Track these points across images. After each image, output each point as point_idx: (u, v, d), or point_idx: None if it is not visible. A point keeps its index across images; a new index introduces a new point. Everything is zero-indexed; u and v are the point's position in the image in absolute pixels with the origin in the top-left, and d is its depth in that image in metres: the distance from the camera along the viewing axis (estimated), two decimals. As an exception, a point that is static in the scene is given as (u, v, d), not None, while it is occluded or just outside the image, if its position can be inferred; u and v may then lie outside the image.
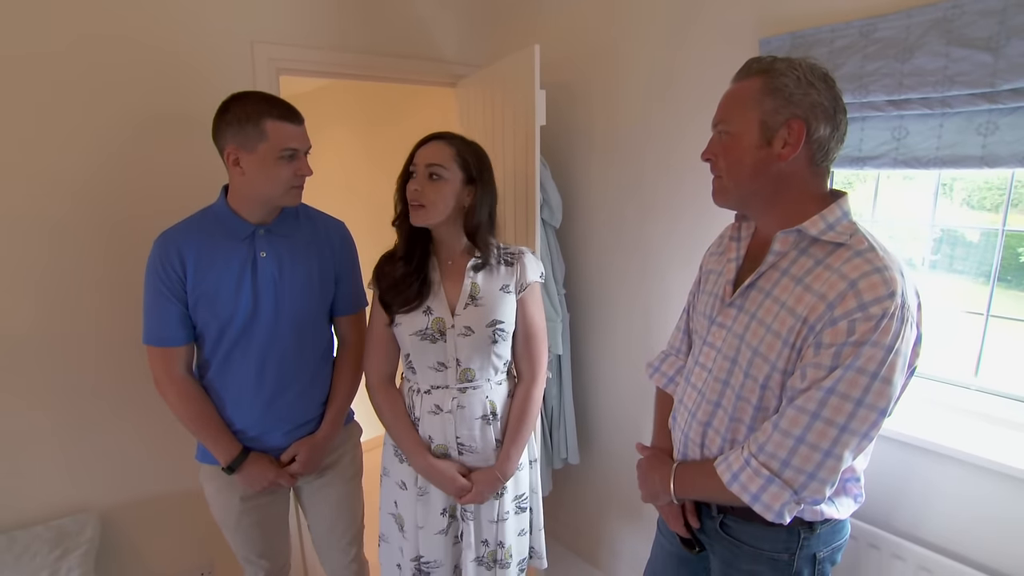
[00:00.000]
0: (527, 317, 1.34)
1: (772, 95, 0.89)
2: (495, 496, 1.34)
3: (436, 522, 1.34)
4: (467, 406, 1.30)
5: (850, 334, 0.83)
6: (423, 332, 1.28)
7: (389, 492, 1.42)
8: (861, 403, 0.84)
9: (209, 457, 1.34)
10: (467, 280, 1.30)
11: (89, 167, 1.55)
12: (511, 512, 1.38)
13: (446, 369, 1.29)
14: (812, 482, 0.88)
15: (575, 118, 2.01)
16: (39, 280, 1.51)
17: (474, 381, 1.31)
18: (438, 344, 1.28)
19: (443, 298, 1.29)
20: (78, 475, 1.61)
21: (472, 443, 1.31)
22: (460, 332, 1.28)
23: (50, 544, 1.43)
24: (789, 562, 1.01)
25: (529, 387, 1.36)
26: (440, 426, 1.31)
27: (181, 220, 1.30)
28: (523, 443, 1.36)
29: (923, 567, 1.27)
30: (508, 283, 1.32)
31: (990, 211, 1.33)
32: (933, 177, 1.37)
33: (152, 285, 1.24)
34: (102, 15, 1.52)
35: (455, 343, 1.28)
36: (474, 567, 1.36)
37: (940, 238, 1.40)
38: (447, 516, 1.35)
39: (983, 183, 1.33)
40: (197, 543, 1.82)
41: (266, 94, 1.26)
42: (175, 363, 1.28)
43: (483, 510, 1.35)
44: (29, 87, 1.45)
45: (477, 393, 1.31)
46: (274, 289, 1.30)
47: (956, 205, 1.38)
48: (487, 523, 1.36)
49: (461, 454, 1.32)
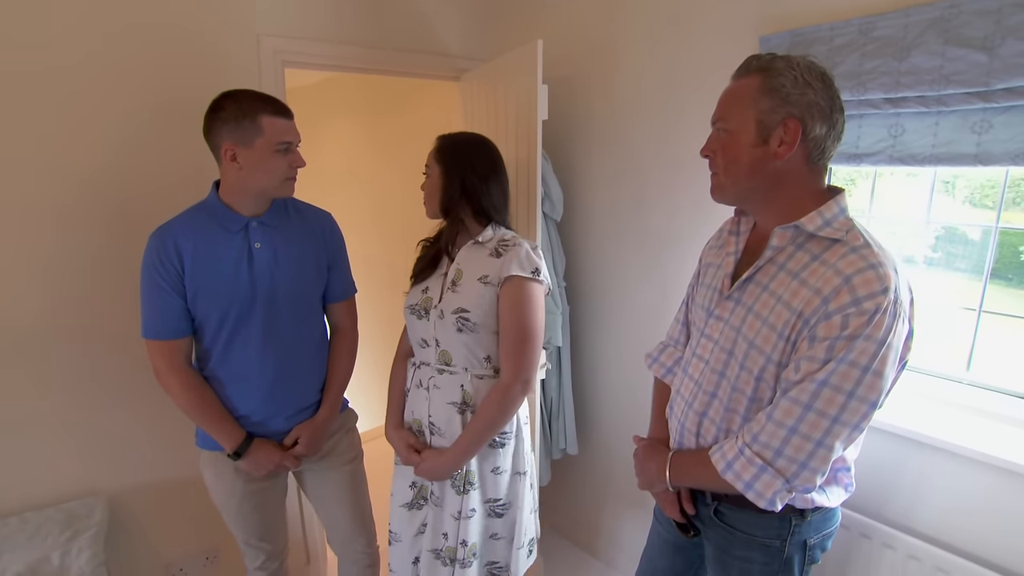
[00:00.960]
0: (506, 314, 1.27)
1: (769, 94, 0.91)
2: (457, 490, 1.32)
3: (403, 493, 1.40)
4: (442, 388, 1.33)
5: (843, 328, 0.85)
6: (413, 307, 1.36)
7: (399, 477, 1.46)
8: (853, 395, 0.86)
9: (209, 443, 1.37)
10: (453, 265, 1.34)
11: (96, 159, 1.56)
12: (478, 511, 1.34)
13: (428, 347, 1.35)
14: (804, 471, 0.91)
15: (576, 112, 2.03)
16: (46, 270, 1.54)
17: (451, 366, 1.33)
18: (423, 321, 1.34)
19: (441, 281, 1.35)
20: (87, 460, 1.64)
21: (442, 425, 1.34)
22: (437, 314, 1.32)
23: (61, 526, 1.47)
24: (781, 548, 1.04)
25: (502, 387, 1.28)
26: (417, 401, 1.37)
27: (175, 216, 1.33)
28: (473, 437, 1.29)
29: (912, 556, 1.30)
30: (488, 274, 1.29)
31: (992, 209, 1.34)
32: (936, 174, 1.38)
33: (150, 279, 1.26)
34: (110, 9, 1.53)
35: (434, 323, 1.32)
36: (430, 558, 1.36)
37: (941, 236, 1.41)
38: (414, 490, 1.40)
39: (985, 181, 1.34)
40: (202, 527, 1.86)
41: (258, 92, 1.30)
42: (176, 356, 1.30)
43: (447, 501, 1.34)
44: (35, 80, 1.47)
45: (453, 379, 1.32)
46: (270, 277, 1.33)
47: (958, 203, 1.39)
48: (449, 516, 1.35)
49: (432, 434, 1.35)
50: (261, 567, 1.52)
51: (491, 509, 1.37)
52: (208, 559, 1.90)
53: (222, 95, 1.27)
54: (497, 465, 1.35)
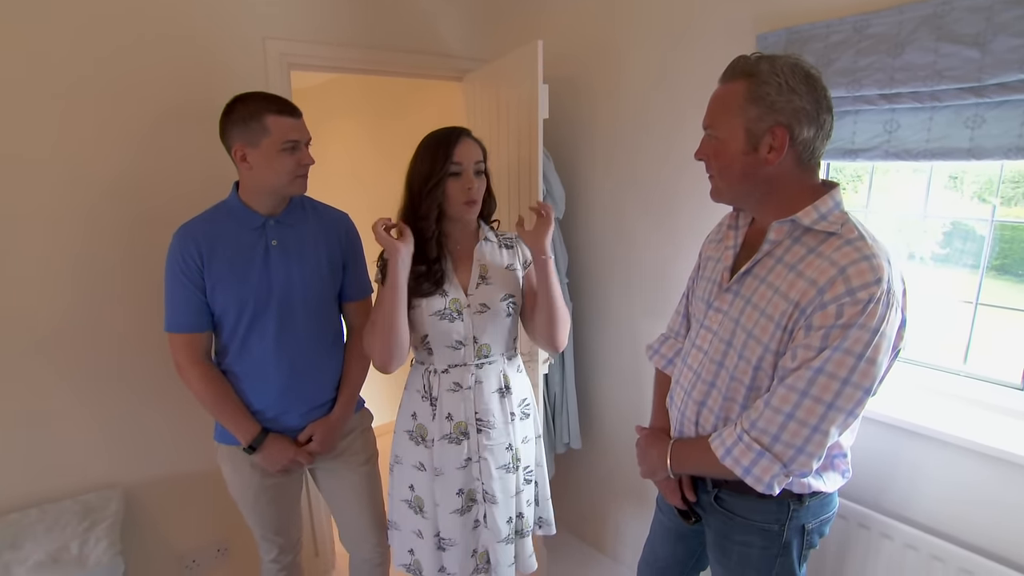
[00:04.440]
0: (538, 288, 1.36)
1: (755, 103, 0.93)
2: (509, 470, 1.40)
3: (451, 501, 1.38)
4: (484, 380, 1.37)
5: (838, 317, 0.88)
6: (442, 312, 1.33)
7: (402, 478, 1.44)
8: (847, 382, 0.89)
9: (227, 437, 1.41)
10: (475, 263, 1.37)
11: (114, 165, 1.61)
12: (523, 483, 1.45)
13: (463, 347, 1.36)
14: (800, 456, 0.93)
15: (577, 112, 2.05)
16: (73, 271, 1.59)
17: (490, 356, 1.38)
18: (456, 323, 1.34)
19: (455, 281, 1.35)
20: (104, 453, 1.69)
21: (490, 417, 1.37)
22: (476, 310, 1.34)
23: (78, 516, 1.51)
24: (779, 532, 1.07)
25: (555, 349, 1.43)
26: (460, 403, 1.36)
27: (198, 214, 1.37)
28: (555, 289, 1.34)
29: (910, 545, 1.32)
30: (512, 262, 1.41)
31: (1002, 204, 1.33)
32: (940, 170, 1.39)
33: (173, 275, 1.32)
34: (119, 15, 1.57)
35: (472, 321, 1.34)
36: (502, 547, 1.40)
37: (948, 231, 1.42)
38: (463, 497, 1.38)
39: (994, 176, 1.34)
40: (215, 521, 1.90)
41: (266, 93, 1.33)
42: (196, 349, 1.35)
43: (502, 487, 1.39)
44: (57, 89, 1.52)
45: (493, 368, 1.39)
46: (286, 274, 1.37)
47: (966, 198, 1.40)
48: (508, 499, 1.40)
49: (479, 431, 1.37)
50: (275, 560, 1.56)
51: (526, 478, 1.47)
52: (219, 551, 1.94)
53: (234, 99, 1.31)
54: (526, 435, 1.46)
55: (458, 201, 1.30)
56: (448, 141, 1.29)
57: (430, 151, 1.30)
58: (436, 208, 1.30)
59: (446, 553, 1.42)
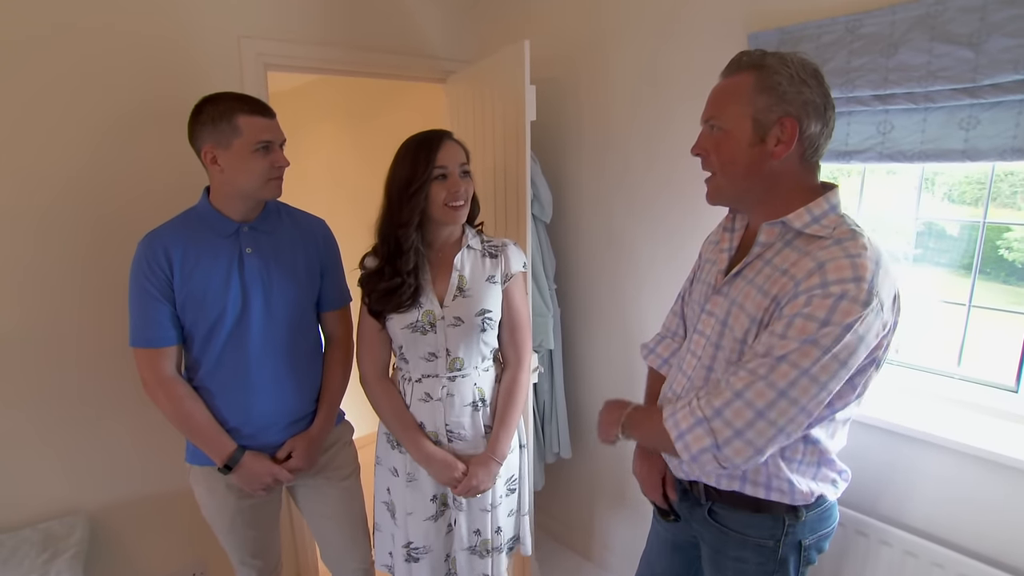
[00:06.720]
0: (513, 306, 1.38)
1: (765, 93, 0.90)
2: None
3: (425, 508, 1.36)
4: (456, 394, 1.33)
5: (805, 306, 0.85)
6: (414, 325, 1.30)
7: (382, 480, 1.44)
8: (806, 373, 0.85)
9: (200, 458, 1.33)
10: (454, 273, 1.33)
11: (72, 164, 1.52)
12: (503, 496, 1.41)
13: (436, 359, 1.32)
14: (736, 440, 0.88)
15: (565, 113, 2.02)
16: (23, 280, 1.48)
17: (463, 369, 1.34)
18: (429, 335, 1.30)
19: (431, 292, 1.32)
20: (66, 477, 1.58)
21: (461, 430, 1.34)
22: (450, 323, 1.30)
23: (38, 547, 1.41)
24: (775, 548, 1.03)
25: (516, 372, 1.40)
26: (430, 413, 1.34)
27: (165, 221, 1.29)
28: (512, 426, 1.38)
29: (909, 552, 1.31)
30: (494, 274, 1.36)
31: (970, 205, 1.36)
32: (915, 171, 1.40)
33: (138, 286, 1.23)
34: (86, 7, 1.49)
35: (445, 334, 1.30)
36: (466, 556, 1.38)
37: (922, 232, 1.43)
38: (437, 503, 1.37)
39: (963, 178, 1.36)
40: (189, 543, 1.81)
41: (237, 93, 1.26)
42: (164, 364, 1.27)
43: (476, 498, 1.36)
44: (9, 79, 1.42)
45: (466, 381, 1.34)
46: (262, 284, 1.30)
47: (938, 199, 1.41)
48: (479, 511, 1.38)
49: (451, 441, 1.35)
50: None
51: (508, 488, 1.43)
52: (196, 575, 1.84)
53: (203, 99, 1.24)
54: (511, 446, 1.41)
55: (442, 205, 1.26)
56: (430, 145, 1.26)
57: (411, 155, 1.26)
58: (417, 214, 1.26)
59: (417, 564, 1.40)
